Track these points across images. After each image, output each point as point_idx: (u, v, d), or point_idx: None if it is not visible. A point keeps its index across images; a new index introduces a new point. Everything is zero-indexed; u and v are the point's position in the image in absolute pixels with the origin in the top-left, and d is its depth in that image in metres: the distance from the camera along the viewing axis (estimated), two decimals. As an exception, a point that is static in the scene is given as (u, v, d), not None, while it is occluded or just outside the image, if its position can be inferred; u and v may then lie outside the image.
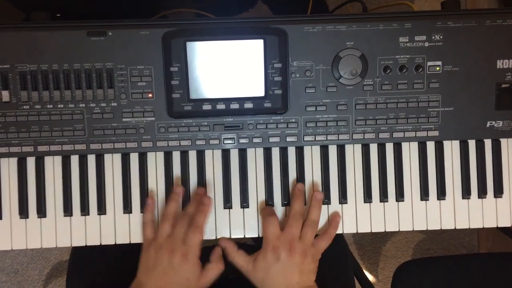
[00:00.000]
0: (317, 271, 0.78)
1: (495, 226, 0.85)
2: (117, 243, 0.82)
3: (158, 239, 0.76)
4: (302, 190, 0.81)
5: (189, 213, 0.78)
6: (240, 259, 0.79)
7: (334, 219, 0.82)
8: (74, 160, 0.81)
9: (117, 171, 0.82)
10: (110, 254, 0.96)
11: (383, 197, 0.83)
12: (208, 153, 0.83)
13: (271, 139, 0.81)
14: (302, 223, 0.78)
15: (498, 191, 0.84)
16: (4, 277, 1.62)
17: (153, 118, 0.80)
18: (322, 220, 0.83)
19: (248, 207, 0.83)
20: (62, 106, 0.78)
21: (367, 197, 0.83)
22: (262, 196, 0.83)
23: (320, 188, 0.83)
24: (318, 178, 0.83)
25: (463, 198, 0.84)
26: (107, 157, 0.82)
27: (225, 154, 0.82)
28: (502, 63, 0.80)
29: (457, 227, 0.84)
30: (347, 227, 0.84)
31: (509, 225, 0.85)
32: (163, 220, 0.77)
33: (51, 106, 0.78)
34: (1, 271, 1.62)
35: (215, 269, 0.78)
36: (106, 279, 0.95)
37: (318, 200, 0.81)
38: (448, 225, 0.84)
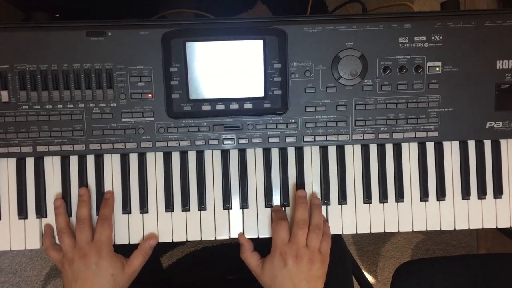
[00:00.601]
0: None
1: (495, 227, 0.85)
2: (116, 243, 0.81)
3: (67, 255, 0.76)
4: (303, 196, 0.81)
5: (80, 216, 0.78)
6: (251, 260, 0.79)
7: None
8: (73, 160, 0.81)
9: (116, 171, 0.82)
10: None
11: (383, 197, 0.83)
12: (207, 154, 0.83)
13: (271, 140, 0.81)
14: (307, 230, 0.77)
15: (498, 192, 0.84)
16: (2, 278, 1.62)
17: (152, 119, 0.79)
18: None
19: (247, 207, 0.83)
20: (61, 106, 0.78)
21: (367, 198, 0.83)
22: (261, 197, 0.83)
23: (319, 188, 0.83)
24: (317, 179, 0.83)
25: (462, 198, 0.84)
26: (106, 158, 0.82)
27: (225, 155, 0.82)
28: (502, 64, 0.80)
29: (456, 228, 0.84)
30: (346, 227, 0.84)
31: (509, 226, 0.85)
32: (60, 236, 0.77)
33: (50, 106, 0.78)
34: (0, 271, 1.62)
35: (139, 257, 0.78)
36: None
37: (317, 204, 0.81)
38: (448, 225, 0.84)
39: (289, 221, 0.80)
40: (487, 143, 0.84)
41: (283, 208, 0.83)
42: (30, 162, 0.81)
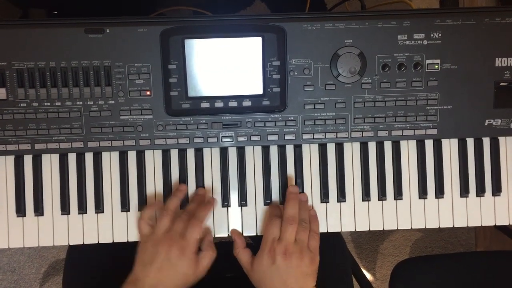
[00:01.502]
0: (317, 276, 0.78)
1: (493, 224, 0.85)
2: (114, 241, 0.81)
3: (156, 234, 0.75)
4: (294, 192, 0.80)
5: (189, 210, 0.77)
6: (243, 257, 0.79)
7: (309, 213, 0.82)
8: (72, 158, 0.81)
9: (115, 169, 0.81)
10: (106, 253, 0.96)
11: (382, 195, 0.83)
12: (206, 151, 0.82)
13: (270, 137, 0.81)
14: (296, 228, 0.76)
15: (496, 190, 0.84)
16: (0, 276, 1.62)
17: (151, 116, 0.79)
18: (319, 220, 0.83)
19: (246, 205, 0.83)
20: (59, 103, 0.78)
21: (366, 196, 0.83)
22: (260, 195, 0.83)
23: (318, 186, 0.83)
24: (316, 177, 0.83)
25: (461, 196, 0.84)
26: (105, 155, 0.81)
27: (223, 152, 0.82)
28: (501, 61, 0.80)
29: (455, 226, 0.84)
30: (345, 225, 0.84)
31: (507, 224, 0.85)
32: (163, 214, 0.76)
33: (48, 103, 0.78)
34: (-2, 269, 1.62)
35: (208, 257, 0.77)
36: (102, 278, 0.95)
37: (304, 201, 0.81)
38: (446, 223, 0.84)
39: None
40: (486, 141, 0.84)
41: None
42: (28, 160, 0.80)
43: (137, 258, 0.76)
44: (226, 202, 0.82)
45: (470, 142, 0.84)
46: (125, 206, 0.81)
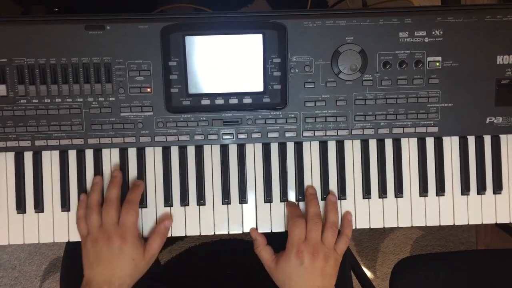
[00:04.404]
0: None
1: (494, 222, 0.84)
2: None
3: (91, 232, 0.75)
4: (314, 193, 0.81)
5: (112, 197, 0.77)
6: (265, 254, 0.79)
7: (346, 218, 0.82)
8: (72, 155, 0.81)
9: (115, 166, 0.81)
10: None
11: (382, 193, 0.83)
12: (206, 148, 0.82)
13: (270, 135, 0.81)
14: (321, 226, 0.77)
15: (497, 188, 0.84)
16: (1, 273, 1.62)
17: (151, 113, 0.79)
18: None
19: (246, 202, 0.82)
20: (59, 100, 0.78)
21: (366, 193, 0.83)
22: (261, 192, 0.83)
23: (318, 183, 0.83)
24: (317, 174, 0.83)
25: (462, 194, 0.84)
26: (105, 152, 0.81)
27: (224, 150, 0.82)
28: (502, 59, 0.80)
29: (456, 223, 0.84)
30: (345, 223, 0.83)
31: (508, 222, 0.85)
32: (89, 212, 0.76)
33: (49, 100, 0.78)
34: (-1, 266, 1.62)
35: (157, 240, 0.78)
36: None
37: (333, 202, 0.81)
38: (447, 221, 0.84)
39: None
40: (487, 139, 0.84)
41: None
42: (28, 157, 0.80)
43: (84, 261, 0.76)
44: (226, 200, 0.82)
45: (471, 140, 0.84)
46: (125, 203, 0.81)
